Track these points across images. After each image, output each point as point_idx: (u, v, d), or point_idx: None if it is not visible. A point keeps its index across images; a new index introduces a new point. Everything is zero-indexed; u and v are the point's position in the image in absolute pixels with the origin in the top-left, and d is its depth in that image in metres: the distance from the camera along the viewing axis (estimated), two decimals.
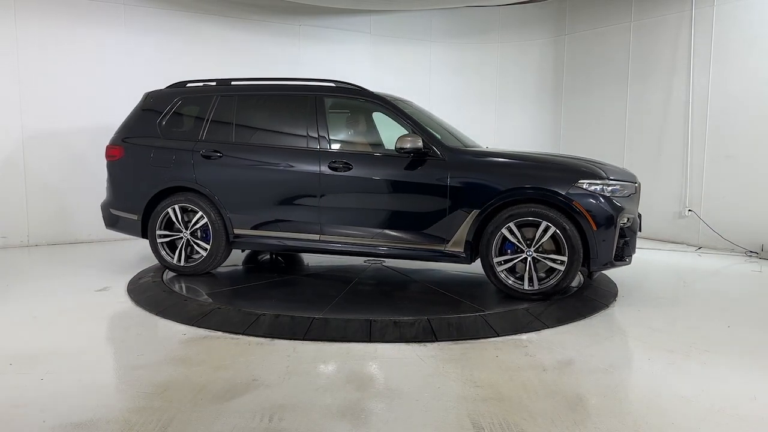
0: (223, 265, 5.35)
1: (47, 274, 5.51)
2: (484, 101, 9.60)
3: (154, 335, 3.71)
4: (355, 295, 4.60)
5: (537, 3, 9.21)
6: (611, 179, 4.47)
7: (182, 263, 5.08)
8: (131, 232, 5.31)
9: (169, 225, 5.14)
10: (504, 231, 4.37)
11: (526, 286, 4.36)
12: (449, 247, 4.54)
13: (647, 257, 6.62)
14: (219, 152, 4.97)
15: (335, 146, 4.87)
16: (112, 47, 7.25)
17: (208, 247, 5.00)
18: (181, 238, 5.08)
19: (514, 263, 4.41)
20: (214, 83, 5.31)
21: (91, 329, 3.86)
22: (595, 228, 4.28)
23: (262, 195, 4.89)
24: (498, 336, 3.71)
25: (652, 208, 7.86)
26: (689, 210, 7.42)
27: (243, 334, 3.69)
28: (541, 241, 4.33)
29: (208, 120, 5.11)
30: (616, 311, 4.38)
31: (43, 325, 3.92)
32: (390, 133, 5.42)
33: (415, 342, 3.58)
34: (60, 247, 6.93)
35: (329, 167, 4.72)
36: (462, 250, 4.52)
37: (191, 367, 3.15)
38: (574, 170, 4.46)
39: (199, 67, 7.57)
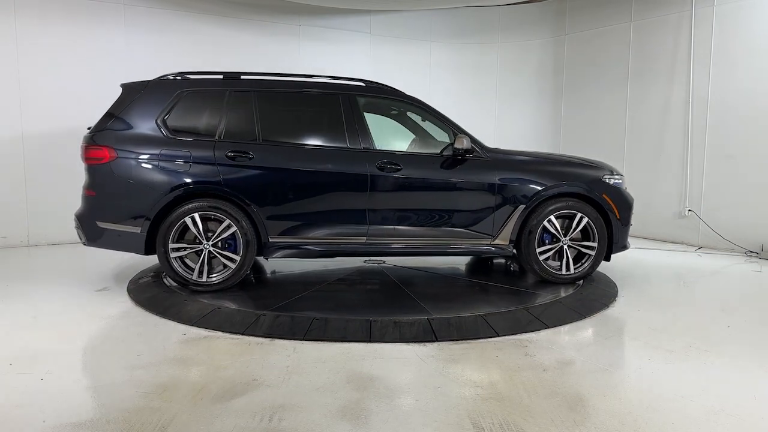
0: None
1: (47, 274, 5.51)
2: (484, 101, 9.60)
3: (154, 335, 3.71)
4: (425, 296, 4.57)
5: (537, 3, 9.21)
6: (617, 174, 5.16)
7: (205, 278, 4.53)
8: (126, 248, 4.57)
9: (178, 237, 4.55)
10: (546, 223, 4.86)
11: (564, 272, 4.92)
12: (495, 242, 4.88)
13: (647, 257, 6.62)
14: (249, 153, 4.56)
15: (378, 147, 4.81)
16: (112, 47, 7.25)
17: (238, 258, 4.54)
18: (200, 250, 4.52)
19: (549, 253, 4.93)
20: (221, 76, 4.83)
21: (91, 329, 3.86)
22: (618, 216, 4.99)
23: (304, 199, 4.61)
24: (498, 336, 3.71)
25: (652, 208, 7.87)
26: (689, 210, 7.42)
27: (243, 334, 3.69)
28: (575, 231, 4.92)
29: (224, 117, 4.64)
30: (616, 311, 4.38)
31: (43, 325, 3.92)
32: (387, 132, 5.44)
33: (415, 342, 3.58)
34: (60, 247, 6.93)
35: (378, 168, 4.65)
36: (507, 243, 4.90)
37: (191, 367, 3.15)
38: (599, 167, 5.15)
39: (199, 66, 7.57)
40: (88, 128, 4.74)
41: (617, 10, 8.25)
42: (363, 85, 4.98)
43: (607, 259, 5.03)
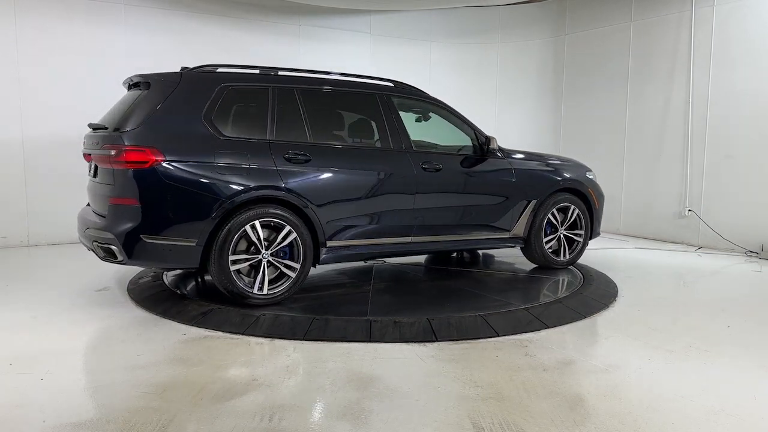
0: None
1: (47, 274, 5.51)
2: (484, 101, 9.59)
3: (154, 335, 3.71)
4: (496, 288, 4.94)
5: (537, 3, 9.20)
6: (592, 170, 5.86)
7: (265, 291, 4.12)
8: (177, 262, 4.12)
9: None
10: (549, 216, 5.38)
11: (562, 258, 5.51)
12: (510, 235, 5.29)
13: (647, 257, 6.62)
14: (306, 154, 4.31)
15: (419, 147, 4.90)
16: (112, 47, 7.24)
17: (298, 266, 4.24)
18: (259, 260, 4.13)
19: (552, 242, 5.48)
20: (257, 71, 4.52)
21: (91, 329, 3.86)
22: (597, 207, 5.69)
23: (361, 200, 4.50)
24: (498, 336, 3.71)
25: (652, 208, 7.87)
26: (689, 210, 7.42)
27: (243, 334, 3.69)
28: (569, 222, 5.52)
29: (272, 116, 4.31)
30: (616, 311, 4.38)
31: (43, 325, 3.91)
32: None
33: (415, 342, 3.58)
34: (60, 247, 6.92)
35: (422, 168, 4.73)
36: (521, 236, 5.33)
37: (191, 367, 3.15)
38: (582, 165, 5.82)
39: None
40: (90, 125, 4.40)
41: (617, 10, 8.24)
42: (392, 85, 5.03)
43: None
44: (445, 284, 5.12)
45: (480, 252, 6.31)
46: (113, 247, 3.94)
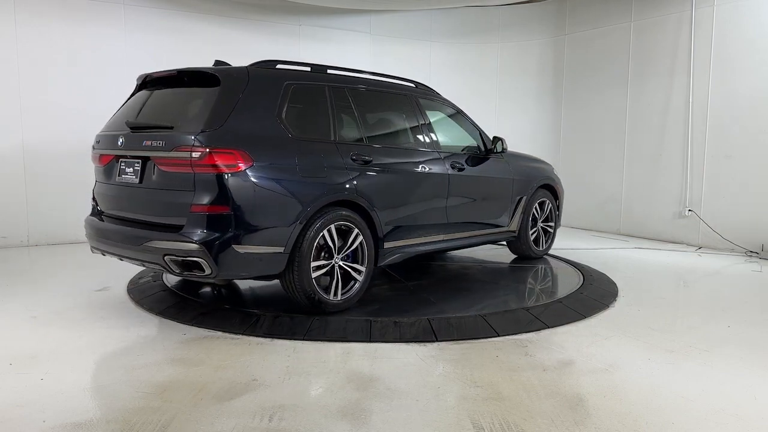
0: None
1: (47, 274, 5.51)
2: (484, 101, 9.59)
3: (154, 335, 3.71)
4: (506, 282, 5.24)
5: (537, 3, 9.21)
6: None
7: (339, 297, 4.01)
8: (264, 271, 3.78)
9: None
10: (533, 211, 5.82)
11: (541, 248, 6.05)
12: (507, 229, 5.61)
13: (647, 257, 6.62)
14: (367, 156, 4.25)
15: (444, 147, 5.02)
16: (112, 47, 7.24)
17: (364, 269, 4.15)
18: (332, 266, 4.00)
19: (534, 235, 5.97)
20: (309, 69, 4.35)
21: (91, 329, 3.85)
22: (560, 201, 6.27)
23: (412, 201, 4.57)
24: (498, 336, 3.71)
25: (652, 208, 7.87)
26: (689, 210, 7.42)
27: (243, 334, 3.69)
28: (545, 215, 6.02)
29: (333, 115, 4.21)
30: (616, 311, 4.38)
31: (43, 325, 3.91)
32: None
33: (415, 342, 3.58)
34: (60, 247, 6.92)
35: (451, 167, 4.91)
36: (516, 231, 5.70)
37: (191, 367, 3.15)
38: (549, 163, 6.41)
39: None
40: (129, 124, 3.96)
41: (617, 10, 8.24)
42: (414, 86, 5.12)
43: None
44: (464, 277, 5.42)
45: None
46: (199, 260, 3.52)
